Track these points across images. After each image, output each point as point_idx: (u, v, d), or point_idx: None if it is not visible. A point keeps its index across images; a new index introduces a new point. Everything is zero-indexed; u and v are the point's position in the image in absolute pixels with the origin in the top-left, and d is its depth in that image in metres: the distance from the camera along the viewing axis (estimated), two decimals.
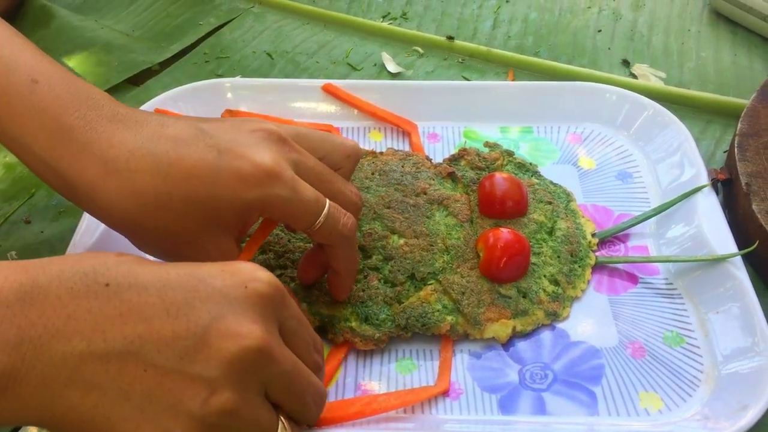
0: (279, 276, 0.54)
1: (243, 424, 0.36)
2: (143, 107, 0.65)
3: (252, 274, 0.37)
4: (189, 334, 0.34)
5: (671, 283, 0.55)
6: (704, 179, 0.59)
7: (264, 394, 0.37)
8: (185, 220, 0.41)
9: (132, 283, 0.35)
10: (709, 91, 0.72)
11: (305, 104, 0.69)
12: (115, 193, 0.40)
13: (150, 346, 0.34)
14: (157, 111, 0.65)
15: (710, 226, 0.56)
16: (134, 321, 0.34)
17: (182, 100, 0.67)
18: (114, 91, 0.73)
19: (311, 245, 0.56)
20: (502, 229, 0.55)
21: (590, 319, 0.53)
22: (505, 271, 0.53)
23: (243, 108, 0.68)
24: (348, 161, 0.49)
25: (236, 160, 0.41)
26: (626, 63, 0.76)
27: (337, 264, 0.49)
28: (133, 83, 0.75)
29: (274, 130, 0.44)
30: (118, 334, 0.34)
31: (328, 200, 0.44)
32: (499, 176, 0.59)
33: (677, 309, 0.53)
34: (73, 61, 0.76)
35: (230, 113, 0.67)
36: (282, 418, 0.38)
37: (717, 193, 0.59)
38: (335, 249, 0.47)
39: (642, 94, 0.67)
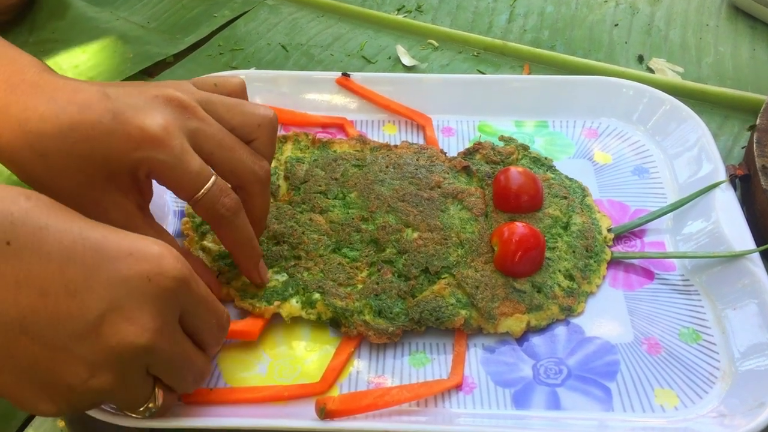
0: (293, 266, 0.54)
1: (116, 398, 0.38)
2: None
3: (159, 265, 0.37)
4: (82, 317, 0.35)
5: (687, 280, 0.54)
6: (722, 175, 0.58)
7: (145, 371, 0.39)
8: (85, 179, 0.43)
9: (35, 249, 0.35)
10: (727, 86, 0.71)
11: (319, 97, 0.69)
12: (25, 153, 0.42)
13: (42, 319, 0.35)
14: None
15: (728, 222, 0.55)
16: (31, 290, 0.35)
17: None
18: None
19: (325, 237, 0.56)
20: (517, 223, 0.54)
21: (605, 315, 0.53)
22: (520, 265, 0.53)
23: (257, 100, 0.68)
24: (260, 131, 0.48)
25: (127, 123, 0.42)
26: (641, 59, 0.75)
27: (224, 242, 0.50)
28: (148, 74, 0.75)
29: (176, 96, 0.45)
30: (12, 302, 0.34)
31: (214, 177, 0.45)
32: (515, 170, 0.58)
33: (694, 305, 0.53)
34: (87, 52, 0.76)
35: None
36: (158, 388, 0.40)
37: (735, 189, 0.58)
38: (216, 228, 0.48)
39: (659, 89, 0.66)
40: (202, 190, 0.45)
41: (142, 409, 0.40)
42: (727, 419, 0.45)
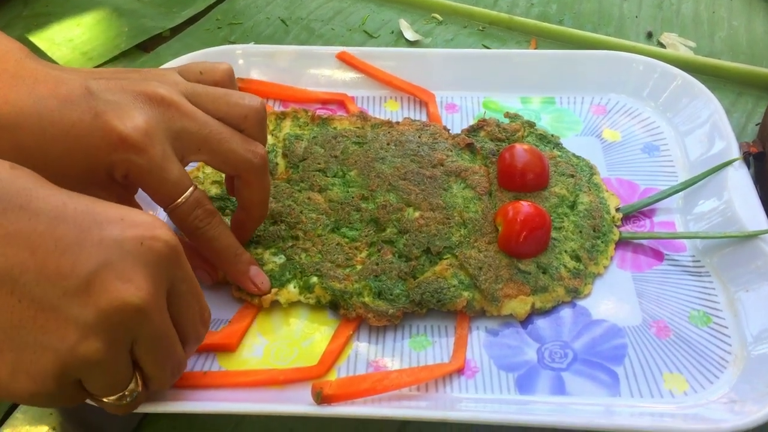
0: (290, 247, 0.52)
1: (100, 374, 0.36)
2: None
3: (151, 231, 0.36)
4: (73, 275, 0.33)
5: (698, 261, 0.53)
6: (735, 152, 0.56)
7: (130, 348, 0.37)
8: (62, 174, 0.41)
9: (24, 205, 0.34)
10: (740, 61, 0.69)
11: (319, 72, 0.67)
12: (2, 144, 0.41)
13: (30, 276, 0.33)
14: None
15: (741, 201, 0.53)
16: (19, 246, 0.33)
17: None
18: (124, 57, 0.71)
19: (324, 217, 0.54)
20: (521, 202, 0.53)
21: (613, 297, 0.51)
22: (525, 245, 0.51)
23: (255, 75, 0.66)
24: (247, 122, 0.47)
25: (108, 124, 0.41)
26: (650, 34, 0.72)
27: (203, 252, 0.48)
28: (143, 49, 0.73)
29: (159, 93, 0.43)
30: None
31: (192, 188, 0.44)
32: (520, 147, 0.56)
33: (704, 287, 0.51)
34: (82, 26, 0.74)
35: (241, 82, 0.65)
36: (138, 376, 0.38)
37: (748, 167, 0.56)
38: (190, 238, 0.47)
39: (670, 64, 0.64)
40: (179, 200, 0.44)
41: (119, 395, 0.38)
42: (737, 405, 0.44)
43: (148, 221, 0.37)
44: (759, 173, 0.57)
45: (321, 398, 0.42)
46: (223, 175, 0.58)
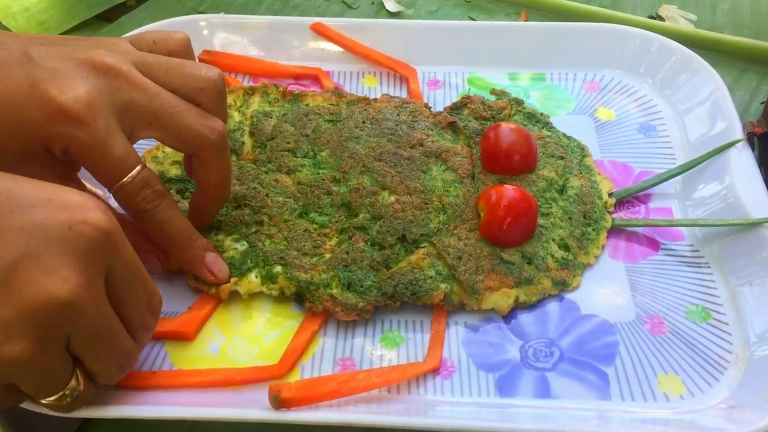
0: (254, 233, 0.48)
1: (32, 374, 0.33)
2: None
3: (81, 213, 0.33)
4: None
5: (697, 251, 0.49)
6: (738, 133, 0.52)
7: (65, 345, 0.34)
8: None
9: None
10: (744, 35, 0.66)
11: (292, 45, 0.62)
12: None
13: None
14: None
15: (744, 185, 0.49)
16: None
17: None
18: (84, 27, 0.68)
19: (292, 200, 0.50)
20: (506, 186, 0.48)
21: (604, 290, 0.47)
22: (509, 233, 0.47)
23: (222, 48, 0.61)
24: (204, 95, 0.42)
25: (46, 93, 0.37)
26: (650, 5, 0.68)
27: (153, 238, 0.44)
28: (106, 19, 0.69)
29: (106, 62, 0.39)
30: None
31: (139, 167, 0.40)
32: (506, 127, 0.52)
33: (704, 280, 0.47)
34: None
35: (207, 54, 0.60)
36: (78, 373, 0.35)
37: (752, 149, 0.52)
38: (138, 222, 0.43)
39: (669, 38, 0.60)
40: (124, 179, 0.40)
41: (59, 395, 0.34)
42: (737, 412, 0.40)
43: (79, 202, 0.33)
44: (763, 155, 0.54)
45: (279, 402, 0.38)
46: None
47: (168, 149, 0.54)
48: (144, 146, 0.55)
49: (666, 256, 0.49)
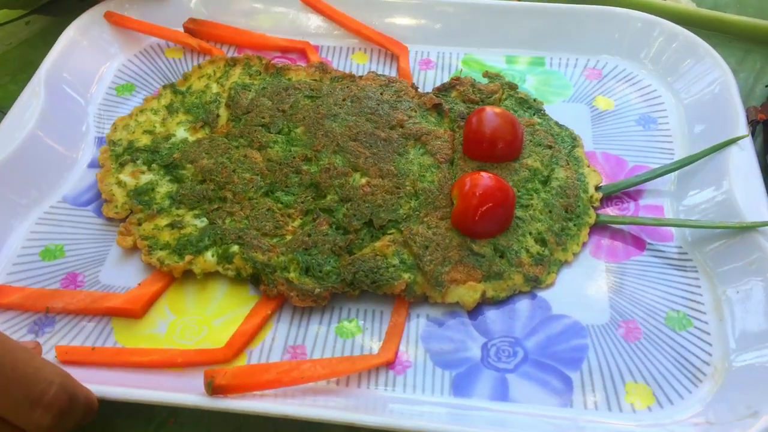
0: (215, 210, 0.46)
1: None
2: (91, 10, 0.57)
3: None
4: None
5: (685, 253, 0.45)
6: (742, 128, 0.48)
7: None
8: None
9: None
10: (748, 15, 0.62)
11: (280, 17, 0.60)
12: None
13: None
14: (108, 14, 0.57)
15: (742, 186, 0.46)
16: None
17: (137, 5, 0.58)
18: None
19: (259, 177, 0.47)
20: (482, 173, 0.45)
21: (579, 290, 0.44)
22: (481, 224, 0.44)
23: (208, 17, 0.59)
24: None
25: None
26: None
27: None
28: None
29: None
30: None
31: None
32: (491, 111, 0.49)
33: (689, 284, 0.44)
34: None
35: (193, 23, 0.58)
36: None
37: (753, 137, 0.48)
38: None
39: (670, 19, 0.56)
40: None
41: None
42: (714, 429, 0.37)
43: None
44: (766, 144, 0.49)
45: (212, 388, 0.36)
46: (156, 124, 0.52)
47: (141, 118, 0.52)
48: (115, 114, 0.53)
49: (651, 257, 0.45)
